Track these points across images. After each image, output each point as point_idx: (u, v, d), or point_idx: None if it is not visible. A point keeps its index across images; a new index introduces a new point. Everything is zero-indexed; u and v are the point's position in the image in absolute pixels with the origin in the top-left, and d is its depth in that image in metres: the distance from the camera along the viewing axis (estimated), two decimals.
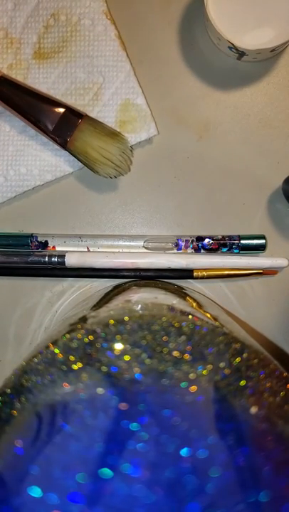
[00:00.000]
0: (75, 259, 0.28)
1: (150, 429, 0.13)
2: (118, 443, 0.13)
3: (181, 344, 0.16)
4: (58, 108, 0.27)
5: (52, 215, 0.29)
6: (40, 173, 0.28)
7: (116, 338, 0.16)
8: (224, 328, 0.18)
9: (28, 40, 0.28)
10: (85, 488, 0.12)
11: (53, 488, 0.12)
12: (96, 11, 0.28)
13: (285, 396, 0.15)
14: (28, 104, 0.27)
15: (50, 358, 0.16)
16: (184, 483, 0.12)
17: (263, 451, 0.13)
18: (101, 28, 0.28)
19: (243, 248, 0.28)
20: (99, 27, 0.28)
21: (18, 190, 0.29)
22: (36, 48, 0.28)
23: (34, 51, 0.28)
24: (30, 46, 0.28)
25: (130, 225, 0.29)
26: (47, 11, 0.28)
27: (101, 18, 0.28)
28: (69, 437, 0.13)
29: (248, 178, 0.29)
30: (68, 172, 0.29)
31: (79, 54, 0.28)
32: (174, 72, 0.29)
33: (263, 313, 0.29)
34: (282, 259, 0.28)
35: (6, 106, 0.27)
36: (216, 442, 0.13)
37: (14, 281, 0.29)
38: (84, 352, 0.16)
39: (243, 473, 0.12)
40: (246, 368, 0.16)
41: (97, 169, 0.27)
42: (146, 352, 0.16)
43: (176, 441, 0.13)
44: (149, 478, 0.12)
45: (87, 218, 0.29)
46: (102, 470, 0.12)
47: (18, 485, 0.12)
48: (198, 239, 0.28)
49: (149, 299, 0.23)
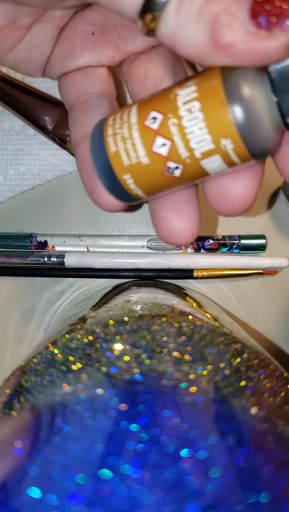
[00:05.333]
0: (74, 259, 0.28)
1: (150, 430, 0.13)
2: (118, 444, 0.13)
3: (181, 344, 0.16)
4: (57, 107, 0.27)
5: (51, 214, 0.29)
6: (40, 173, 0.28)
7: (116, 338, 0.16)
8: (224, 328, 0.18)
9: None
10: (85, 489, 0.12)
11: (52, 489, 0.12)
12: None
13: (285, 396, 0.15)
14: (27, 103, 0.27)
15: (50, 359, 0.16)
16: (184, 484, 0.12)
17: (263, 452, 0.13)
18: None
19: (243, 248, 0.28)
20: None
21: (17, 190, 0.29)
22: None
23: None
24: None
25: (130, 225, 0.29)
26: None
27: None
28: (68, 438, 0.13)
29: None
30: (68, 171, 0.29)
31: None
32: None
33: (263, 313, 0.29)
34: (282, 259, 0.28)
35: (5, 105, 0.27)
36: (216, 443, 0.13)
37: (13, 281, 0.29)
38: (83, 352, 0.16)
39: (243, 474, 0.12)
40: (246, 368, 0.16)
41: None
42: (146, 352, 0.16)
43: (176, 442, 0.13)
44: (149, 479, 0.12)
45: (86, 218, 0.29)
46: (102, 471, 0.12)
47: (18, 486, 0.12)
48: (198, 239, 0.28)
49: (148, 299, 0.23)
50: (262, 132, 0.13)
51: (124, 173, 0.15)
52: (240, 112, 0.13)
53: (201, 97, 0.13)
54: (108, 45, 0.18)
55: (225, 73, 0.13)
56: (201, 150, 0.14)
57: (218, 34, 0.12)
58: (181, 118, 0.14)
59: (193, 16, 0.12)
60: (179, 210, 0.17)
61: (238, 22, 0.11)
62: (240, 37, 0.12)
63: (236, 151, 0.14)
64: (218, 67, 0.13)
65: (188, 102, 0.13)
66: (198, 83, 0.14)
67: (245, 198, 0.15)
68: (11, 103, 0.27)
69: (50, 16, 0.17)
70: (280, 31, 0.11)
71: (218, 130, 0.13)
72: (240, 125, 0.13)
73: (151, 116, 0.14)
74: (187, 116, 0.13)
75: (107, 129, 0.15)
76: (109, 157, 0.15)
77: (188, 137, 0.14)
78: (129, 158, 0.15)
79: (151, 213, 0.18)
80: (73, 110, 0.19)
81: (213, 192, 0.16)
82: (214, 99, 0.13)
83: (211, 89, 0.13)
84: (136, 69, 0.18)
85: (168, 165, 0.14)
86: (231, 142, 0.13)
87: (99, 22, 0.18)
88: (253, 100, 0.13)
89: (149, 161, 0.15)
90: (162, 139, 0.14)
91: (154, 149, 0.14)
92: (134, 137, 0.15)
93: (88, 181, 0.18)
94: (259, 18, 0.11)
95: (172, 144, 0.14)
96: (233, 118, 0.13)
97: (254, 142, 0.13)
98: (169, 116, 0.14)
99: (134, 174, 0.15)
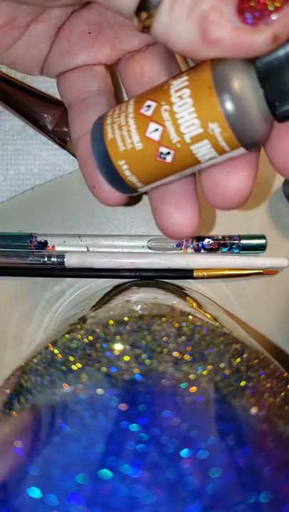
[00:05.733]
0: (74, 259, 0.28)
1: (150, 430, 0.13)
2: (118, 444, 0.13)
3: (181, 344, 0.16)
4: (57, 107, 0.27)
5: (51, 214, 0.29)
6: (40, 173, 0.28)
7: (116, 338, 0.16)
8: (224, 328, 0.18)
9: None
10: (85, 489, 0.12)
11: (52, 489, 0.12)
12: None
13: (285, 396, 0.15)
14: (27, 103, 0.27)
15: (50, 359, 0.16)
16: (184, 484, 0.12)
17: (263, 452, 0.13)
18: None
19: (243, 248, 0.28)
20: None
21: (17, 190, 0.29)
22: None
23: None
24: None
25: (130, 225, 0.29)
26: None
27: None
28: (68, 438, 0.13)
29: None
30: (68, 171, 0.29)
31: None
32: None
33: (263, 313, 0.29)
34: (282, 259, 0.28)
35: (5, 105, 0.27)
36: (216, 443, 0.13)
37: (13, 281, 0.29)
38: (83, 352, 0.16)
39: (243, 474, 0.12)
40: (246, 368, 0.16)
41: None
42: (146, 352, 0.16)
43: (176, 442, 0.13)
44: (149, 479, 0.12)
45: (86, 218, 0.29)
46: (102, 471, 0.12)
47: (18, 486, 0.12)
48: (198, 239, 0.28)
49: (148, 299, 0.23)
50: (249, 118, 0.14)
51: (119, 158, 0.16)
52: (226, 97, 0.13)
53: (191, 85, 0.14)
54: (105, 44, 0.19)
55: (214, 63, 0.14)
56: (191, 134, 0.14)
57: (207, 30, 0.13)
58: (172, 104, 0.14)
59: (185, 14, 0.13)
60: (179, 205, 0.17)
61: (225, 18, 0.12)
62: (228, 32, 0.12)
63: (224, 136, 0.14)
64: (209, 60, 0.14)
65: (180, 90, 0.14)
66: (189, 73, 0.14)
67: (240, 191, 0.16)
68: (11, 103, 0.27)
69: (47, 15, 0.17)
70: (265, 26, 0.12)
71: (205, 114, 0.14)
72: (226, 109, 0.13)
73: (146, 104, 0.15)
74: (178, 102, 0.14)
75: (106, 119, 0.16)
76: (106, 144, 0.16)
77: (179, 122, 0.14)
78: (124, 143, 0.15)
79: (152, 210, 0.18)
80: (73, 108, 0.20)
81: (210, 186, 0.16)
82: (203, 86, 0.14)
83: (201, 76, 0.14)
84: (132, 67, 0.19)
85: (160, 150, 0.15)
86: (218, 126, 0.14)
87: (96, 21, 0.18)
88: (238, 86, 0.13)
89: (142, 146, 0.15)
90: (155, 125, 0.15)
91: (147, 134, 0.15)
92: (129, 124, 0.15)
93: (89, 177, 0.19)
94: (245, 14, 0.12)
95: (164, 129, 0.15)
96: (220, 102, 0.13)
97: (241, 127, 0.14)
98: (161, 104, 0.15)
99: (128, 160, 0.16)
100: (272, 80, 0.13)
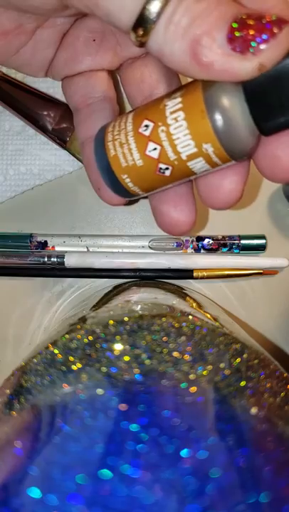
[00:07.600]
0: (74, 259, 0.28)
1: (150, 430, 0.13)
2: (118, 444, 0.13)
3: (181, 345, 0.16)
4: (57, 107, 0.27)
5: (51, 214, 0.29)
6: (40, 173, 0.28)
7: (116, 338, 0.16)
8: (224, 328, 0.18)
9: None
10: (85, 489, 0.12)
11: (52, 489, 0.12)
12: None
13: (285, 397, 0.15)
14: (27, 103, 0.27)
15: (50, 359, 0.16)
16: (184, 484, 0.12)
17: (263, 452, 0.13)
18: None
19: (243, 248, 0.28)
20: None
21: (17, 190, 0.29)
22: None
23: None
24: None
25: (130, 225, 0.29)
26: None
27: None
28: (68, 438, 0.13)
29: (248, 177, 0.29)
30: (68, 171, 0.29)
31: None
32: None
33: (263, 313, 0.29)
34: (282, 259, 0.28)
35: (5, 105, 0.27)
36: (216, 443, 0.13)
37: (13, 282, 0.29)
38: (83, 352, 0.16)
39: (243, 474, 0.12)
40: (246, 368, 0.16)
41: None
42: (146, 352, 0.16)
43: (176, 442, 0.13)
44: (149, 479, 0.12)
45: (87, 218, 0.29)
46: (102, 471, 0.12)
47: (18, 486, 0.12)
48: (198, 239, 0.28)
49: (148, 299, 0.23)
50: (238, 137, 0.15)
51: (122, 173, 0.17)
52: (218, 121, 0.15)
53: (184, 108, 0.15)
54: (108, 51, 0.20)
55: (205, 86, 0.15)
56: (187, 153, 0.16)
57: (198, 54, 0.13)
58: (168, 126, 0.16)
59: (179, 36, 0.13)
60: (177, 204, 0.19)
61: (216, 44, 0.13)
62: (218, 57, 0.13)
63: (217, 154, 0.15)
64: (200, 81, 0.15)
65: (175, 112, 0.15)
66: (183, 95, 0.16)
67: (232, 192, 0.18)
68: (11, 103, 0.27)
69: (52, 22, 0.19)
70: (252, 55, 0.13)
71: (199, 136, 0.15)
72: (218, 132, 0.15)
73: (144, 124, 0.16)
74: (174, 124, 0.15)
75: (107, 135, 0.18)
76: (109, 160, 0.17)
77: (175, 142, 0.16)
78: (126, 160, 0.17)
79: (152, 209, 0.20)
80: (78, 112, 0.21)
81: (204, 188, 0.18)
82: (196, 109, 0.15)
83: (193, 100, 0.15)
84: (132, 73, 0.20)
85: (159, 166, 0.16)
86: (211, 146, 0.15)
87: (99, 29, 0.19)
88: (228, 110, 0.15)
89: (143, 163, 0.17)
90: (153, 144, 0.16)
91: (146, 153, 0.16)
92: (130, 142, 0.17)
93: (95, 180, 0.20)
94: (235, 42, 0.13)
95: (162, 149, 0.16)
96: (212, 126, 0.15)
97: (231, 145, 0.15)
98: (158, 124, 0.16)
99: (130, 174, 0.17)
100: (259, 100, 0.14)
